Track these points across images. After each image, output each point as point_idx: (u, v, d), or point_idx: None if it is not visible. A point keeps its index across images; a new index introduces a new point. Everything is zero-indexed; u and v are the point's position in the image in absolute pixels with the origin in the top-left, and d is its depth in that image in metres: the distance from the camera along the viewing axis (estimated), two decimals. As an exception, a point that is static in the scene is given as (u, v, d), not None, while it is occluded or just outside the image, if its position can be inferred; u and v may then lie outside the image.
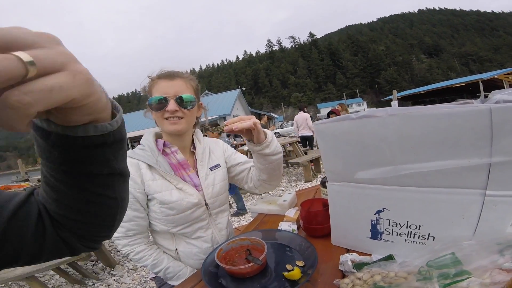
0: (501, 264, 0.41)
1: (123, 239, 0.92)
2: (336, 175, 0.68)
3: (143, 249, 0.93)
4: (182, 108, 0.88)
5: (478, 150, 0.46)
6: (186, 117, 0.90)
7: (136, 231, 0.92)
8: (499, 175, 0.47)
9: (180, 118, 0.89)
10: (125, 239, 0.92)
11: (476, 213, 0.51)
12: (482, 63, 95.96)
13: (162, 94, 0.87)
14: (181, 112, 0.88)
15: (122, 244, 0.92)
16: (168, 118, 0.88)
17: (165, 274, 0.94)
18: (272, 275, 0.68)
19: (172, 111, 0.86)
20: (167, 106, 0.86)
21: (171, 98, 0.87)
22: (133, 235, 0.92)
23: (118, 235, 0.91)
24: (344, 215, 0.72)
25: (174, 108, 0.86)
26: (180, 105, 0.87)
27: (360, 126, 0.56)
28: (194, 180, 0.97)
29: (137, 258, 0.93)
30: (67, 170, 0.31)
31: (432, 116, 0.47)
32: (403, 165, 0.53)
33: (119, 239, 0.92)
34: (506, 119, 0.42)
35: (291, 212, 1.01)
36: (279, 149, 0.94)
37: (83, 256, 2.16)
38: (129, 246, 0.92)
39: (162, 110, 0.87)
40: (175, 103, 0.86)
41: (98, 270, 2.63)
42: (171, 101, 0.86)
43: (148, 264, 0.93)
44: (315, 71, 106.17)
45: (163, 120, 0.89)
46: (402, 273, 0.48)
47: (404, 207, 0.59)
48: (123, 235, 0.91)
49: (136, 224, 0.91)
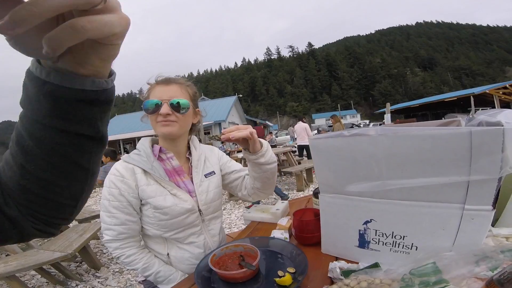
0: (477, 273, 0.44)
1: (115, 242, 0.92)
2: (328, 187, 0.71)
3: (134, 253, 0.93)
4: (175, 112, 0.90)
5: (458, 169, 0.50)
6: (179, 121, 0.92)
7: (128, 235, 0.93)
8: (476, 191, 0.50)
9: (173, 121, 0.91)
10: (117, 242, 0.92)
11: (455, 226, 0.55)
12: (475, 77, 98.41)
13: (157, 98, 0.90)
14: (174, 116, 0.91)
15: (113, 247, 0.93)
16: (161, 121, 0.90)
17: (155, 278, 0.95)
18: (264, 281, 0.70)
19: (164, 114, 0.89)
20: (161, 109, 0.89)
21: (165, 102, 0.89)
22: (125, 238, 0.93)
23: (109, 237, 0.92)
24: (334, 224, 0.75)
25: (167, 112, 0.88)
26: (173, 109, 0.90)
27: (352, 143, 0.60)
28: (188, 186, 0.98)
29: (128, 262, 0.93)
30: (50, 124, 0.30)
31: (417, 137, 0.51)
32: (390, 180, 0.57)
33: (111, 242, 0.92)
34: (484, 141, 0.46)
35: (284, 220, 1.03)
36: (274, 158, 0.96)
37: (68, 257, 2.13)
38: (120, 249, 0.92)
39: (155, 114, 0.90)
40: (168, 106, 0.89)
41: (82, 272, 2.58)
42: (165, 104, 0.89)
43: (138, 267, 0.93)
44: (312, 81, 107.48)
45: (156, 123, 0.92)
46: (386, 280, 0.51)
47: (390, 218, 0.63)
48: (115, 238, 0.91)
49: (128, 227, 0.92)
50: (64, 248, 2.24)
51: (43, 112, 0.29)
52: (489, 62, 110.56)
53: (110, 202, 0.90)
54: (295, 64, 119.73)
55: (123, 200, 0.89)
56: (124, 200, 0.89)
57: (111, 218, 0.90)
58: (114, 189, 0.90)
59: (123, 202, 0.90)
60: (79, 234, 2.51)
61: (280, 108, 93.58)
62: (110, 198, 0.90)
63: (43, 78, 0.28)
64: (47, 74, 0.27)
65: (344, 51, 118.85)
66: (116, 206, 0.90)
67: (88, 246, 2.53)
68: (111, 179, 0.91)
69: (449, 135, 0.48)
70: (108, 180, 0.92)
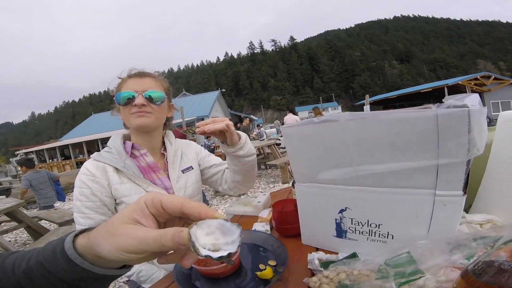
0: (454, 261, 0.43)
1: None
2: (303, 176, 0.70)
3: None
4: (150, 103, 0.87)
5: (427, 152, 0.49)
6: (154, 113, 0.89)
7: None
8: (446, 176, 0.50)
9: (148, 112, 0.87)
10: None
11: (428, 213, 0.54)
12: (449, 69, 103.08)
13: (131, 90, 0.86)
14: (149, 107, 0.87)
15: None
16: (135, 112, 0.86)
17: (138, 277, 0.92)
18: (246, 275, 0.69)
19: (140, 105, 0.85)
20: (135, 100, 0.85)
21: (140, 93, 0.85)
22: None
23: None
24: (312, 214, 0.74)
25: (142, 102, 0.85)
26: (148, 100, 0.86)
27: (322, 129, 0.59)
28: (164, 183, 0.95)
29: None
30: (67, 281, 0.34)
31: (385, 121, 0.50)
32: (360, 166, 0.56)
33: None
34: (450, 123, 0.46)
35: (265, 213, 1.03)
36: (253, 150, 0.95)
37: None
38: None
39: (129, 105, 0.86)
40: (143, 97, 0.85)
41: None
42: (139, 95, 0.85)
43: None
44: (294, 75, 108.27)
45: (130, 115, 0.87)
46: (365, 271, 0.50)
47: (364, 206, 0.62)
48: None
49: None
50: None
51: (64, 276, 0.33)
52: (462, 55, 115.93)
53: (83, 202, 0.85)
54: (278, 58, 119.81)
55: (96, 200, 0.85)
56: (97, 200, 0.85)
57: (85, 219, 0.86)
58: (86, 189, 0.85)
59: (96, 202, 0.85)
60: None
61: (264, 102, 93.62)
62: (82, 199, 0.85)
63: (76, 263, 0.32)
64: (81, 262, 0.32)
65: (325, 44, 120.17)
66: (89, 206, 0.85)
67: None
68: (82, 178, 0.86)
69: (416, 119, 0.48)
70: (79, 180, 0.87)
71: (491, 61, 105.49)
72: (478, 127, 0.45)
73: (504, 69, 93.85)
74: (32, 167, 4.35)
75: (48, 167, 12.62)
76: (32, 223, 2.98)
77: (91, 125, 25.93)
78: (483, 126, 0.47)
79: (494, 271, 0.33)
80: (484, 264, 0.34)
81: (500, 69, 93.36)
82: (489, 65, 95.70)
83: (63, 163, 12.86)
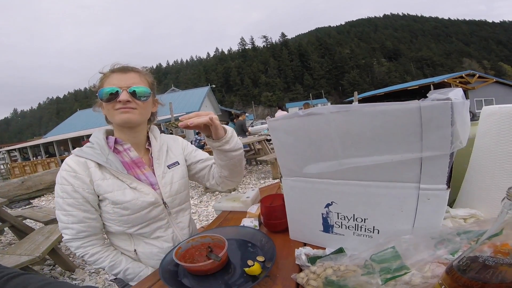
0: (439, 256, 0.43)
1: (75, 241, 0.85)
2: (289, 171, 0.70)
3: (98, 251, 0.87)
4: (135, 99, 0.84)
5: (410, 145, 0.49)
6: (139, 109, 0.87)
7: (89, 233, 0.86)
8: (430, 169, 0.50)
9: (133, 108, 0.85)
10: (77, 241, 0.85)
11: (413, 207, 0.54)
12: (435, 68, 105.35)
13: (115, 86, 0.83)
14: (134, 103, 0.85)
15: (74, 247, 0.86)
16: (119, 108, 0.84)
17: (125, 275, 0.90)
18: (234, 271, 0.68)
19: (124, 101, 0.83)
20: (119, 96, 0.82)
21: (124, 89, 0.83)
22: (86, 237, 0.86)
23: (69, 237, 0.85)
24: (299, 209, 0.74)
25: (127, 98, 0.82)
26: (133, 96, 0.84)
27: (307, 122, 0.58)
28: (150, 179, 0.93)
29: (93, 260, 0.87)
30: None
31: (368, 114, 0.50)
32: (345, 159, 0.56)
33: (71, 241, 0.85)
34: (433, 116, 0.45)
35: (253, 208, 1.02)
36: (240, 145, 0.93)
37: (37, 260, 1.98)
38: (83, 248, 0.86)
39: (113, 101, 0.83)
40: (127, 93, 0.83)
41: (57, 275, 2.43)
42: (124, 91, 0.82)
43: (105, 266, 0.88)
44: (285, 71, 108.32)
45: (114, 111, 0.85)
46: (351, 266, 0.50)
47: (350, 201, 0.62)
48: (75, 236, 0.85)
49: (87, 225, 0.85)
50: (31, 251, 2.07)
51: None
52: (448, 53, 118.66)
53: (64, 199, 0.82)
54: (269, 54, 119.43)
55: (78, 197, 0.82)
56: (79, 197, 0.82)
57: (67, 216, 0.83)
58: (67, 186, 0.82)
59: (78, 199, 0.82)
60: (46, 237, 2.35)
61: (255, 98, 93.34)
62: (63, 196, 0.82)
63: None
64: None
65: (316, 42, 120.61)
66: (71, 203, 0.82)
67: (58, 248, 2.38)
68: (63, 175, 0.83)
69: (399, 111, 0.48)
70: (60, 176, 0.83)
71: (475, 59, 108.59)
72: (461, 120, 0.45)
73: (488, 68, 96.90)
74: None
75: (32, 165, 12.19)
76: (16, 222, 2.88)
77: (76, 122, 25.26)
78: (466, 119, 0.48)
79: (478, 267, 0.32)
80: (468, 260, 0.34)
81: (485, 67, 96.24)
82: (474, 64, 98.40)
83: (47, 161, 12.45)
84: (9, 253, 2.17)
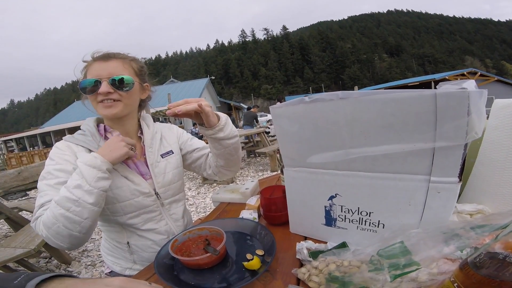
0: (447, 253, 0.41)
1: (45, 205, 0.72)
2: (292, 160, 0.67)
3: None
4: (117, 90, 0.80)
5: (423, 134, 0.47)
6: (123, 100, 0.82)
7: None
8: (442, 161, 0.48)
9: (116, 100, 0.81)
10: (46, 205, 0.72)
11: (421, 200, 0.52)
12: (437, 65, 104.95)
13: (95, 76, 0.79)
14: (116, 94, 0.81)
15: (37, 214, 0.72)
16: (102, 101, 0.80)
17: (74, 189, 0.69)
18: (233, 265, 0.66)
19: (105, 93, 0.79)
20: (100, 88, 0.78)
21: (104, 80, 0.78)
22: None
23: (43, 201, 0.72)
24: (300, 201, 0.72)
25: (107, 90, 0.78)
26: (114, 86, 0.79)
27: (313, 109, 0.55)
28: (140, 168, 0.90)
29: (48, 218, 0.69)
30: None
31: (380, 101, 0.47)
32: (353, 149, 0.53)
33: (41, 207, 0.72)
34: (449, 104, 0.43)
35: (253, 200, 1.00)
36: (235, 132, 0.90)
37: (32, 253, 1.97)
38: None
39: (95, 93, 0.79)
40: (108, 84, 0.79)
41: (53, 268, 2.42)
42: (104, 82, 0.78)
43: (62, 193, 0.68)
44: (285, 64, 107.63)
45: (97, 104, 0.81)
46: (355, 261, 0.48)
47: (355, 193, 0.60)
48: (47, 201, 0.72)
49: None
50: (25, 244, 2.05)
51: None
52: (450, 51, 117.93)
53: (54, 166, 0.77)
54: (270, 47, 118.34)
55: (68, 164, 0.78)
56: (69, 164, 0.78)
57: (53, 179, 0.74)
58: (59, 155, 0.80)
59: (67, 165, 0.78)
60: (41, 229, 2.32)
61: (254, 90, 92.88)
62: (52, 162, 0.78)
63: None
64: None
65: (317, 35, 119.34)
66: (60, 169, 0.76)
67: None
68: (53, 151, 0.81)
69: (413, 98, 0.45)
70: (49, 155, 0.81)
71: (478, 58, 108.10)
72: (477, 110, 0.43)
73: (490, 66, 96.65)
74: None
75: (29, 156, 12.12)
76: (12, 214, 2.85)
77: (74, 112, 25.14)
78: (482, 109, 0.45)
79: (497, 264, 0.30)
80: (486, 256, 0.32)
81: (487, 66, 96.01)
82: (476, 62, 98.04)
83: (44, 151, 12.38)
84: (4, 246, 2.14)
